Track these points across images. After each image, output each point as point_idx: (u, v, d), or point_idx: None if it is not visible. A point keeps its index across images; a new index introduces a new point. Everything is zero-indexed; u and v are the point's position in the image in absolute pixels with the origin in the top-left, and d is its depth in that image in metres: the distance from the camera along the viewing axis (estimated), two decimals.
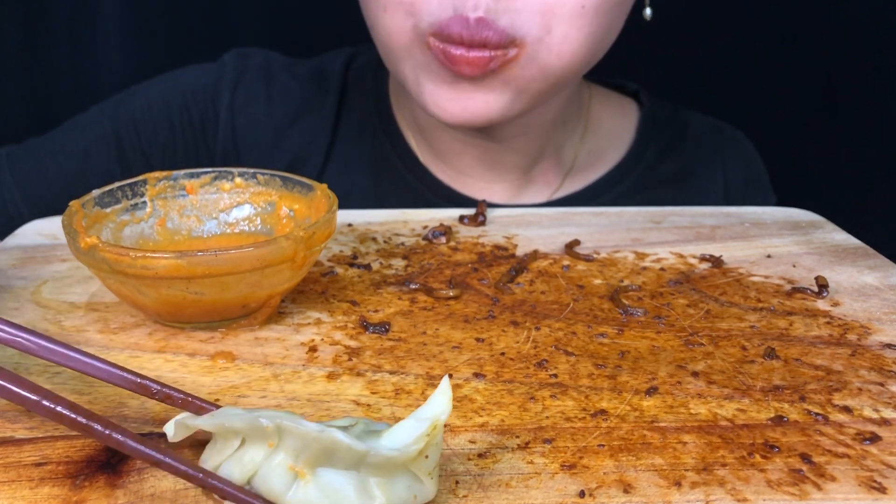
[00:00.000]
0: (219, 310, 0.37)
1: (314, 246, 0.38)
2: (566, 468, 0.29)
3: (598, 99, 0.70)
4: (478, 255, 0.48)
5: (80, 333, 0.38)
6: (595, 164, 0.68)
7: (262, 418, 0.26)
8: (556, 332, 0.39)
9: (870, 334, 0.39)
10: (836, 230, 0.53)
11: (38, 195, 0.65)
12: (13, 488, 0.27)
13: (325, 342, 0.37)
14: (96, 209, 0.41)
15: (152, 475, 0.28)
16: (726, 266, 0.47)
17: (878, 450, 0.30)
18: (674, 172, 0.68)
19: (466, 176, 0.66)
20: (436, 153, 0.66)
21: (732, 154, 0.71)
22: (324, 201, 0.41)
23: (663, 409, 0.33)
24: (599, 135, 0.68)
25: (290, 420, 0.26)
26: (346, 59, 0.70)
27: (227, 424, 0.27)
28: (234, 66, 0.69)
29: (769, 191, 0.72)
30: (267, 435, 0.26)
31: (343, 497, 0.26)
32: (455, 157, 0.65)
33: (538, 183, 0.67)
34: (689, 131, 0.71)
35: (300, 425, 0.26)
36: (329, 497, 0.26)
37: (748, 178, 0.70)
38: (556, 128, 0.65)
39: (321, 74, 0.70)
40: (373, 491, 0.26)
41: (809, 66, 0.88)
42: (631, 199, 0.66)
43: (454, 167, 0.66)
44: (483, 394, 0.33)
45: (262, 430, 0.26)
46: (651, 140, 0.68)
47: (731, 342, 0.38)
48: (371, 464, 0.25)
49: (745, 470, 0.29)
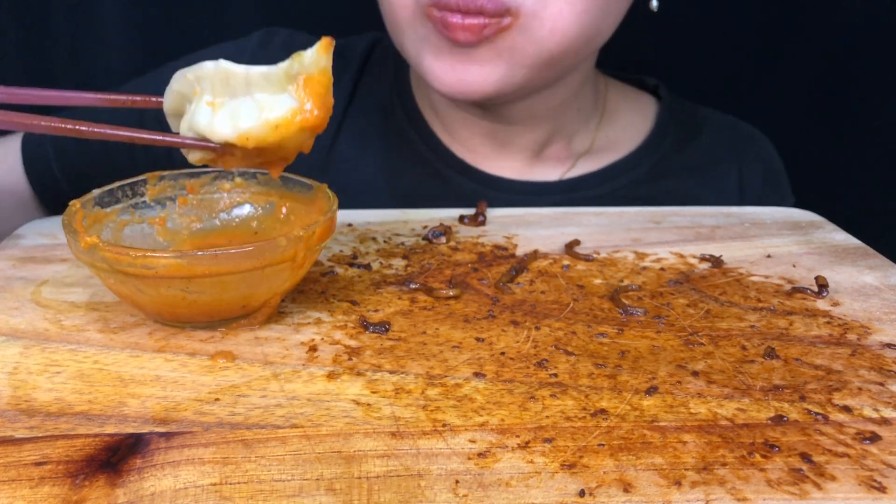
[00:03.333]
0: (218, 309, 0.37)
1: (314, 246, 0.38)
2: (566, 467, 0.29)
3: (616, 90, 0.71)
4: (478, 255, 0.48)
5: (80, 333, 0.38)
6: (610, 150, 0.68)
7: (186, 72, 0.37)
8: (556, 332, 0.39)
9: (870, 334, 0.39)
10: (836, 230, 0.53)
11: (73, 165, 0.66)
12: (13, 488, 0.27)
13: (325, 342, 0.37)
14: (96, 209, 0.41)
15: (152, 475, 0.28)
16: (726, 266, 0.47)
17: (878, 449, 0.30)
18: (688, 165, 0.68)
19: (477, 153, 0.67)
20: (449, 131, 0.67)
21: (749, 152, 0.71)
22: (324, 201, 0.41)
23: (663, 408, 0.33)
24: (616, 124, 0.69)
25: (198, 66, 0.36)
26: (371, 41, 0.72)
27: (174, 87, 0.38)
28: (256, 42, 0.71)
29: (787, 192, 0.71)
30: (191, 83, 0.37)
31: (243, 113, 0.36)
32: (466, 136, 0.66)
33: (550, 162, 0.67)
34: (705, 126, 0.71)
35: (202, 65, 0.37)
36: (233, 115, 0.36)
37: (766, 176, 0.70)
38: (567, 113, 0.65)
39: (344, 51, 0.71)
40: (262, 104, 0.36)
41: (809, 66, 0.88)
42: (644, 185, 0.66)
43: (465, 145, 0.67)
44: (483, 393, 0.33)
45: (188, 81, 0.37)
46: (667, 132, 0.69)
47: (731, 342, 0.38)
48: (256, 83, 0.36)
49: (745, 469, 0.29)
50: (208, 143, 0.37)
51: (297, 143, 0.37)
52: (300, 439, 0.30)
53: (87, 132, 0.36)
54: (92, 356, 0.36)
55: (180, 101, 0.38)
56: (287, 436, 0.30)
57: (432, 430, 0.31)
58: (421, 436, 0.30)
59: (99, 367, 0.35)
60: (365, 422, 0.31)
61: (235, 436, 0.30)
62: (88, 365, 0.35)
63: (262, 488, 0.27)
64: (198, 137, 0.37)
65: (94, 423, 0.31)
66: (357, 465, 0.29)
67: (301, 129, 0.36)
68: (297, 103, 0.36)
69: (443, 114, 0.67)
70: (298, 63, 0.35)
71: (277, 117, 0.36)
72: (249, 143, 0.36)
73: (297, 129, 0.36)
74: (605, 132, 0.69)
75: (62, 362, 0.35)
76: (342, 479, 0.28)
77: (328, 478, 0.28)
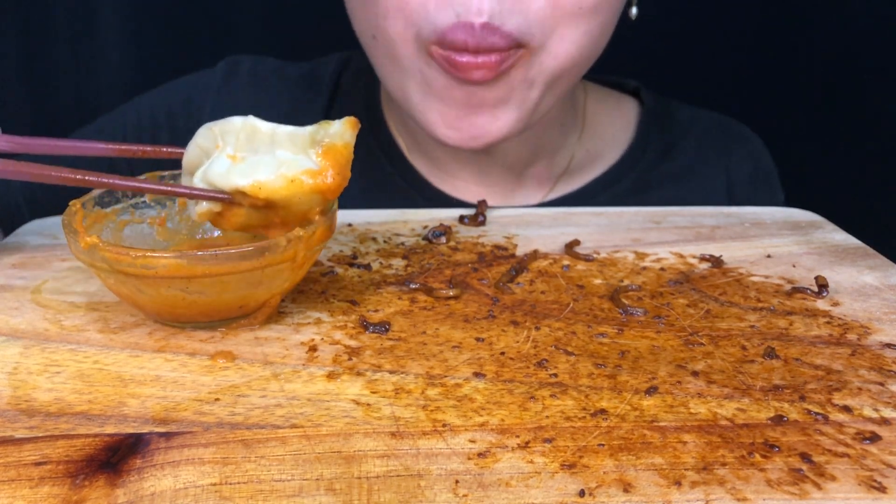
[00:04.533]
0: (218, 309, 0.37)
1: (314, 246, 0.38)
2: (566, 467, 0.29)
3: (595, 98, 0.68)
4: (478, 255, 0.48)
5: (80, 333, 0.38)
6: (592, 165, 0.67)
7: (213, 125, 0.37)
8: (556, 332, 0.39)
9: (870, 334, 0.39)
10: (836, 230, 0.53)
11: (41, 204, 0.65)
12: (13, 488, 0.27)
13: (325, 342, 0.37)
14: (96, 209, 0.41)
15: (152, 475, 0.28)
16: (726, 266, 0.47)
17: (877, 449, 0.30)
18: (673, 172, 0.67)
19: (457, 179, 0.65)
20: (426, 157, 0.65)
21: (737, 151, 0.69)
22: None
23: (663, 408, 0.33)
24: (597, 136, 0.67)
25: (225, 120, 0.37)
26: (340, 64, 0.70)
27: (198, 141, 0.38)
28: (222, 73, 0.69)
29: (777, 188, 0.70)
30: (214, 137, 0.37)
31: (261, 167, 0.36)
32: (444, 162, 0.64)
33: (530, 185, 0.65)
34: (691, 129, 0.69)
35: (229, 120, 0.37)
36: (252, 168, 0.36)
37: (754, 174, 0.68)
38: (550, 130, 0.64)
39: (312, 77, 0.69)
40: (280, 159, 0.36)
41: (809, 66, 0.88)
42: (627, 200, 0.65)
43: (444, 170, 0.65)
44: (483, 393, 0.33)
45: (213, 135, 0.37)
46: (650, 139, 0.67)
47: (731, 342, 0.38)
48: (280, 142, 0.37)
49: (744, 469, 0.29)
50: (219, 193, 0.37)
51: (306, 207, 0.37)
52: (300, 439, 0.30)
53: (96, 182, 0.37)
54: (92, 356, 0.36)
55: (199, 155, 0.38)
56: (287, 436, 0.30)
57: (432, 430, 0.31)
58: (421, 436, 0.30)
59: (99, 367, 0.35)
60: (365, 422, 0.31)
61: (235, 436, 0.30)
62: (88, 365, 0.35)
63: (262, 488, 0.27)
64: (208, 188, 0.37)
65: (94, 423, 0.31)
66: (357, 465, 0.29)
67: (314, 191, 0.37)
68: (315, 166, 0.36)
69: (420, 140, 0.64)
70: (324, 131, 0.37)
71: (294, 173, 0.36)
72: (261, 193, 0.36)
73: (310, 189, 0.36)
74: (585, 146, 0.66)
75: (62, 362, 0.35)
76: (342, 479, 0.28)
77: (328, 478, 0.28)
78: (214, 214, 0.38)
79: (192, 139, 0.38)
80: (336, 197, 0.38)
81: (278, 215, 0.38)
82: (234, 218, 0.38)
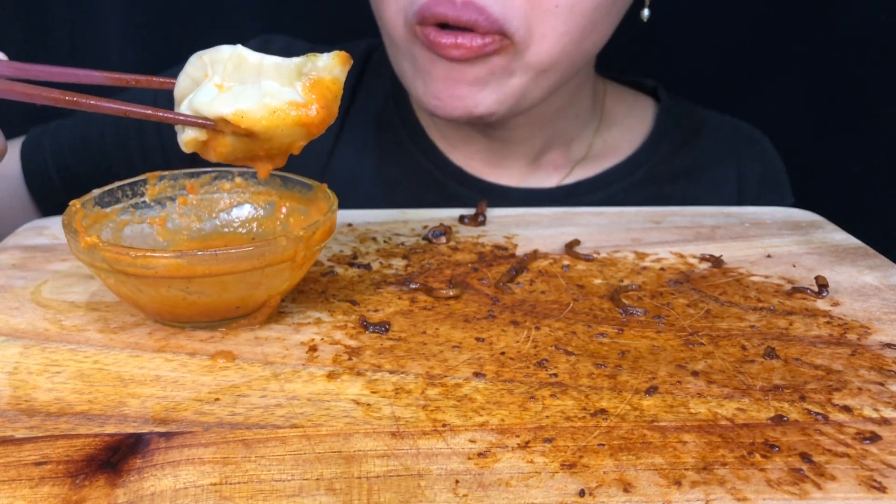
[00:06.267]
0: (218, 309, 0.37)
1: (314, 246, 0.38)
2: (566, 467, 0.29)
3: (614, 93, 0.71)
4: (478, 255, 0.48)
5: (80, 333, 0.38)
6: (608, 155, 0.68)
7: (202, 54, 0.37)
8: (556, 332, 0.39)
9: (870, 334, 0.39)
10: (836, 230, 0.53)
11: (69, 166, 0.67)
12: (13, 488, 0.27)
13: (325, 342, 0.37)
14: (96, 209, 0.41)
15: (152, 475, 0.28)
16: (726, 266, 0.47)
17: (878, 449, 0.30)
18: (687, 167, 0.68)
19: (475, 161, 0.67)
20: (446, 140, 0.67)
21: (748, 152, 0.71)
22: (324, 201, 0.41)
23: (663, 408, 0.33)
24: (614, 129, 0.69)
25: (215, 49, 0.37)
26: (368, 48, 0.72)
27: (187, 70, 0.37)
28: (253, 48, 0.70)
29: (787, 190, 0.71)
30: (203, 67, 0.37)
31: (246, 96, 0.36)
32: (463, 145, 0.66)
33: (547, 168, 0.67)
34: (704, 128, 0.71)
35: (219, 49, 0.37)
36: (236, 97, 0.36)
37: (764, 176, 0.70)
38: (564, 120, 0.65)
39: None
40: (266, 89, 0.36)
41: (809, 66, 0.88)
42: (641, 190, 0.66)
43: (463, 153, 0.67)
44: (483, 393, 0.33)
45: (202, 64, 0.37)
46: (665, 135, 0.69)
47: (731, 342, 0.38)
48: (267, 72, 0.36)
49: (745, 469, 0.29)
50: (201, 119, 0.37)
51: (289, 140, 0.37)
52: (300, 439, 0.30)
53: (84, 104, 0.36)
54: (92, 356, 0.36)
55: (189, 85, 0.38)
56: (287, 436, 0.30)
57: (432, 430, 0.31)
58: (421, 436, 0.30)
59: (99, 367, 0.35)
60: (365, 422, 0.31)
61: (235, 436, 0.30)
62: (88, 365, 0.35)
63: (262, 488, 0.27)
64: (193, 115, 0.37)
65: (94, 423, 0.31)
66: (357, 465, 0.29)
67: (297, 123, 0.36)
68: (300, 98, 0.36)
69: (440, 124, 0.67)
70: (311, 63, 0.36)
71: (277, 104, 0.36)
72: (243, 122, 0.36)
73: (293, 121, 0.36)
74: (602, 137, 0.69)
75: (62, 362, 0.35)
76: (342, 479, 0.28)
77: (328, 478, 0.28)
78: (201, 144, 0.38)
79: (183, 69, 0.38)
80: (321, 132, 0.37)
81: (262, 147, 0.37)
82: (219, 147, 0.38)
